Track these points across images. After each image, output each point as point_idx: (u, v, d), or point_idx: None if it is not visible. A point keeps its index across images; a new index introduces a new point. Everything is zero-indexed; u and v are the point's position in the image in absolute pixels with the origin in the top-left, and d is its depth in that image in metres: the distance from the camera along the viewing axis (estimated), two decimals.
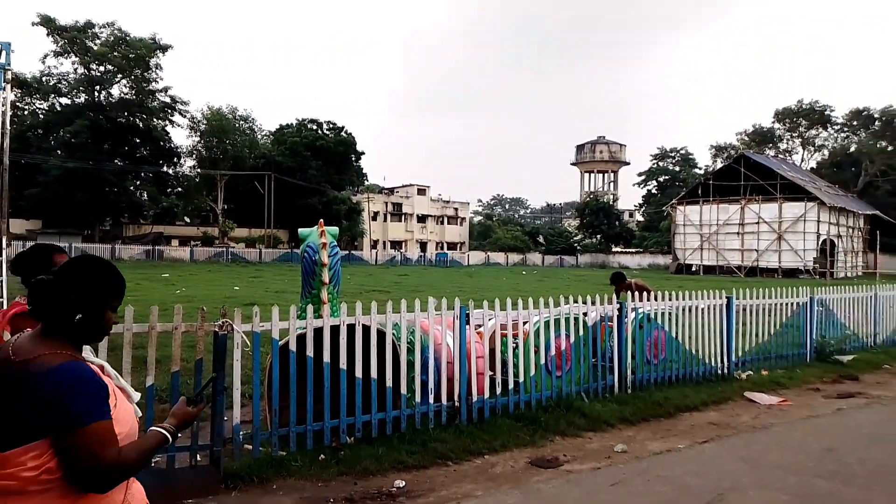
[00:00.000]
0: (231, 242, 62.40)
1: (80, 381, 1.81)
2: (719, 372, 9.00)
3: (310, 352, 5.45)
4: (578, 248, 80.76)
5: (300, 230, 6.28)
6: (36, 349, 1.85)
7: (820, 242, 51.95)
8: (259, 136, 70.19)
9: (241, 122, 66.54)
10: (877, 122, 65.69)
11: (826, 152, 70.75)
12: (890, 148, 65.01)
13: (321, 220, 6.32)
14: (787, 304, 10.43)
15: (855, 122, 67.27)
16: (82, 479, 1.79)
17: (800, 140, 71.99)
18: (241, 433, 5.24)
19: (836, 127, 69.47)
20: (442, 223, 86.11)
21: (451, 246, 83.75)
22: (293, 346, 5.41)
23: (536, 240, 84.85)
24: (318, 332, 5.55)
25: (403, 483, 4.98)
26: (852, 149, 67.16)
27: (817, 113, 69.31)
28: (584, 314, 7.78)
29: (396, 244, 79.18)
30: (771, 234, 54.01)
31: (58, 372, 1.79)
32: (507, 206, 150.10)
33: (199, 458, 5.02)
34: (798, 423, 7.10)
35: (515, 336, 7.13)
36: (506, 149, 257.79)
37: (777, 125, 72.36)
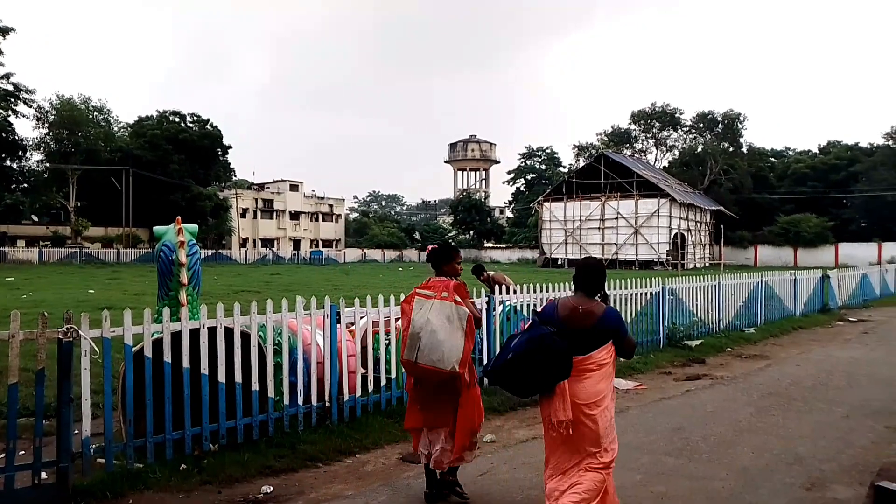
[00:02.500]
0: (85, 242, 58.18)
1: (621, 317, 4.26)
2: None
3: (167, 357, 5.16)
4: (453, 243, 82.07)
5: (155, 228, 5.93)
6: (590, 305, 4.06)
7: (672, 236, 55.89)
8: (116, 129, 65.73)
9: (96, 114, 62.01)
10: (719, 125, 71.48)
11: (676, 152, 76.08)
12: (731, 149, 70.96)
13: (178, 217, 6.00)
14: (642, 294, 11.13)
15: (701, 125, 72.78)
16: (628, 355, 4.24)
17: (653, 140, 76.94)
18: (92, 446, 4.89)
19: (684, 128, 74.83)
20: (316, 220, 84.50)
21: (327, 243, 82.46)
22: (148, 352, 5.11)
23: (413, 236, 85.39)
24: (177, 335, 5.27)
25: (271, 488, 4.84)
26: (699, 149, 72.64)
27: (668, 115, 74.36)
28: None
29: (268, 242, 76.87)
30: (628, 229, 57.46)
31: (610, 312, 4.08)
32: (383, 203, 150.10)
33: (44, 476, 4.63)
34: (651, 405, 7.60)
35: (388, 333, 7.14)
36: (381, 146, 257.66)
37: (633, 126, 76.93)
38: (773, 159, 77.38)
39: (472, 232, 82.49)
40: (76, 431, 4.92)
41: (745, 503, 4.64)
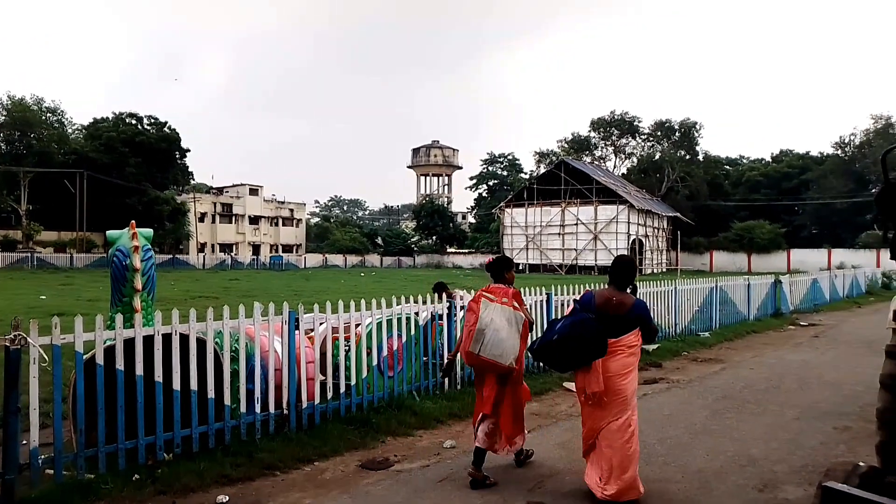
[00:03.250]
0: (37, 247, 56.38)
1: (647, 307, 5.10)
2: (540, 364, 9.52)
3: (120, 365, 5.04)
4: (415, 249, 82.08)
5: (108, 233, 5.80)
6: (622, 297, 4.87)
7: (630, 242, 56.80)
8: (70, 131, 64.02)
9: (49, 115, 60.32)
10: (677, 133, 72.93)
11: (635, 159, 77.37)
12: (688, 156, 72.45)
13: (133, 221, 5.87)
14: None
15: (659, 133, 74.16)
16: (651, 339, 5.12)
17: (612, 148, 78.10)
18: (41, 457, 4.73)
19: (643, 136, 76.15)
20: (276, 225, 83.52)
21: (287, 248, 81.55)
22: (101, 360, 4.98)
23: (375, 241, 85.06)
24: (130, 343, 5.15)
25: (227, 498, 4.76)
26: (656, 157, 74.00)
27: (627, 123, 75.61)
28: (416, 314, 7.90)
29: (227, 247, 75.67)
30: (588, 235, 58.22)
31: (639, 303, 4.90)
32: (345, 208, 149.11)
33: None
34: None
35: (348, 339, 7.09)
36: (343, 151, 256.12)
37: (593, 134, 78.00)
38: (728, 167, 79.26)
39: (434, 237, 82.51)
40: (24, 442, 4.78)
41: None
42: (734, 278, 16.92)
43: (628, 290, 4.98)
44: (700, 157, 73.72)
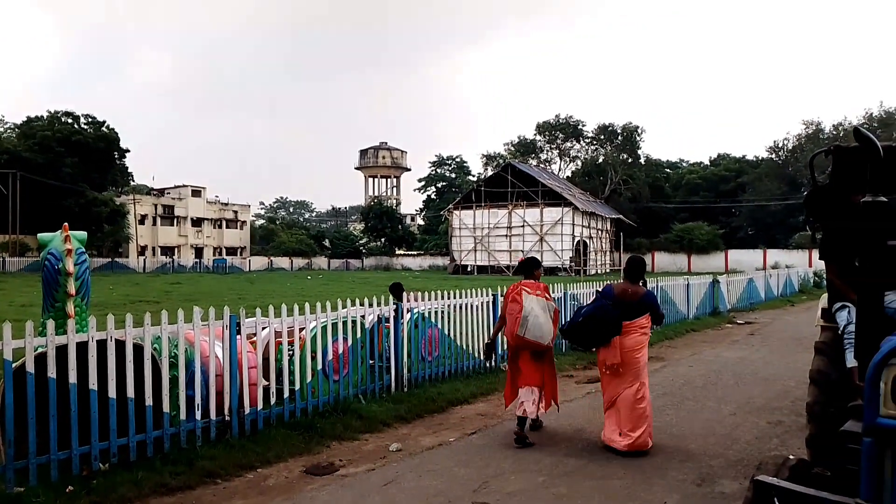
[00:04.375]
0: None
1: (655, 296, 6.56)
2: (487, 365, 9.59)
3: (52, 373, 4.85)
4: (364, 251, 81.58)
5: (40, 236, 5.59)
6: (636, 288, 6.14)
7: (575, 243, 57.75)
8: (2, 129, 61.45)
9: None
10: (619, 137, 74.48)
11: (579, 162, 78.68)
12: (630, 160, 74.08)
13: (66, 223, 5.67)
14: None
15: (602, 136, 75.58)
16: (659, 322, 6.44)
17: (557, 151, 79.21)
18: None
19: (587, 140, 77.44)
20: (220, 227, 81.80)
21: (231, 251, 79.93)
22: (31, 368, 4.78)
23: (322, 243, 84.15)
24: (63, 349, 4.97)
25: None
26: (600, 160, 75.42)
27: (571, 127, 76.79)
28: (363, 316, 7.85)
29: (168, 250, 73.73)
30: (534, 236, 58.91)
31: (648, 293, 6.23)
32: (291, 210, 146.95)
33: None
34: (553, 408, 7.78)
35: (292, 343, 7.00)
36: (290, 152, 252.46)
37: (539, 137, 78.93)
38: (668, 170, 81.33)
39: (383, 239, 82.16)
40: None
41: (642, 500, 4.83)
42: (674, 278, 17.38)
43: (641, 283, 6.26)
44: (642, 161, 75.42)
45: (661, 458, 5.79)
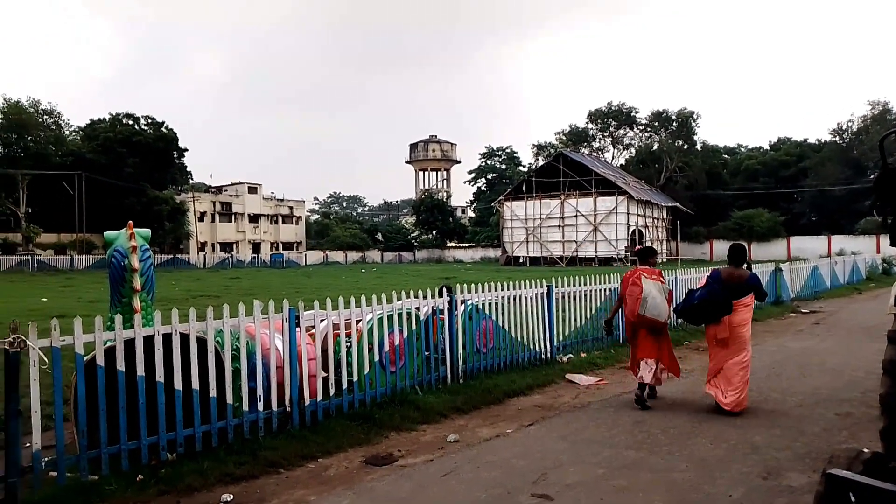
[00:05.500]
0: (37, 249, 56.40)
1: (759, 277, 7.72)
2: (543, 356, 9.53)
3: (121, 365, 5.03)
4: (416, 244, 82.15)
5: (106, 233, 5.79)
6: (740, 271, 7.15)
7: (630, 233, 56.82)
8: (67, 132, 63.93)
9: (46, 117, 60.21)
10: (674, 123, 72.84)
11: (633, 150, 77.31)
12: (685, 146, 72.38)
13: (130, 221, 5.86)
14: (601, 290, 11.26)
15: (656, 123, 74.09)
16: (763, 298, 7.56)
17: (610, 139, 78.04)
18: (44, 460, 4.72)
19: (640, 127, 76.06)
20: (276, 222, 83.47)
21: (287, 246, 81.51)
22: (101, 361, 4.97)
23: (375, 237, 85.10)
24: (131, 343, 5.14)
25: (231, 496, 4.76)
26: (654, 147, 73.94)
27: (624, 114, 75.50)
28: (417, 309, 7.89)
29: (227, 246, 75.64)
30: (588, 227, 58.19)
31: (752, 275, 7.20)
32: (344, 204, 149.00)
33: None
34: (612, 399, 7.69)
35: (349, 335, 7.08)
36: (342, 147, 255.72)
37: (591, 125, 77.91)
38: (726, 156, 79.22)
39: (434, 232, 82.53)
40: (26, 445, 4.77)
41: (704, 494, 4.72)
42: (696, 269, 16.87)
43: (744, 267, 7.30)
44: (698, 147, 73.66)
45: (724, 451, 5.65)
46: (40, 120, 59.44)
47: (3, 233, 58.57)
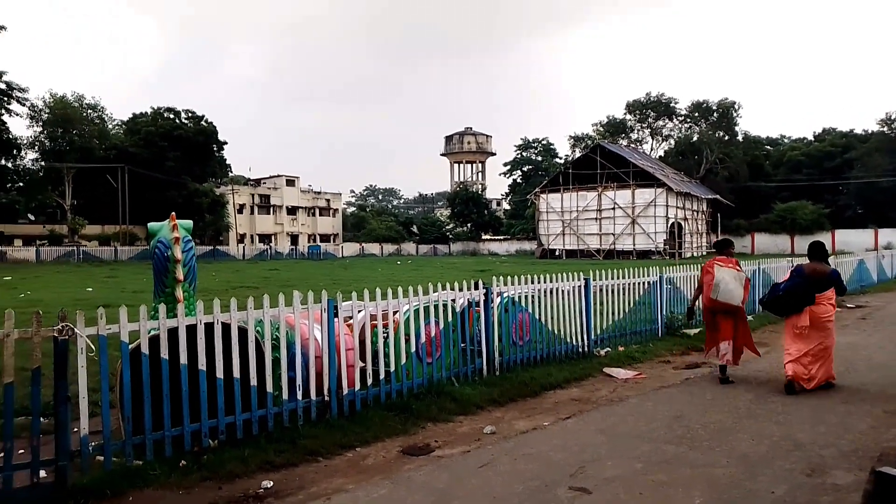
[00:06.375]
0: (82, 241, 58.03)
1: (839, 273, 8.29)
2: (580, 350, 9.46)
3: (164, 354, 5.14)
4: (451, 236, 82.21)
5: (150, 225, 5.90)
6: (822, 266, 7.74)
7: (669, 225, 55.92)
8: (110, 126, 65.46)
9: (90, 111, 61.73)
10: (714, 114, 71.42)
11: (672, 141, 76.09)
12: (726, 137, 70.93)
13: (173, 213, 5.97)
14: (639, 283, 11.13)
15: (696, 114, 72.73)
16: (843, 292, 8.23)
17: (649, 130, 76.90)
18: (91, 444, 4.87)
19: (679, 118, 74.77)
20: (313, 215, 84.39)
21: (325, 238, 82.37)
22: (145, 349, 5.08)
23: (410, 229, 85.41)
24: (174, 332, 5.25)
25: (271, 483, 4.83)
26: (694, 138, 72.63)
27: (663, 105, 74.29)
28: (453, 300, 7.89)
29: (265, 238, 76.75)
30: (625, 219, 57.47)
31: (833, 270, 7.82)
32: (380, 197, 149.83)
33: (42, 475, 4.62)
34: (651, 393, 7.60)
35: (386, 326, 7.12)
36: (378, 140, 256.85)
37: (628, 116, 76.85)
38: (768, 147, 77.47)
39: (469, 224, 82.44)
40: (74, 430, 4.91)
41: (746, 490, 4.64)
42: (777, 260, 16.55)
43: (826, 262, 7.80)
44: (739, 138, 72.19)
45: (766, 447, 5.54)
46: (85, 115, 60.92)
47: (51, 224, 60.35)
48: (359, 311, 6.89)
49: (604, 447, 5.60)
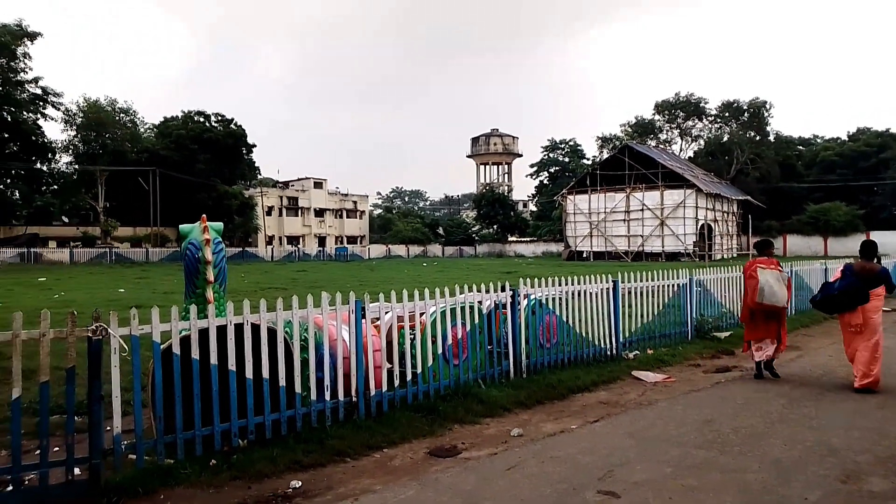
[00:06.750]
0: (114, 242, 59.16)
1: (888, 270, 8.31)
2: (608, 352, 9.38)
3: (195, 354, 5.21)
4: (476, 238, 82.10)
5: (181, 226, 5.98)
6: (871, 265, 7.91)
7: (698, 227, 55.22)
8: (142, 130, 66.61)
9: (122, 115, 62.86)
10: (745, 114, 70.33)
11: (702, 142, 75.09)
12: (757, 137, 69.82)
13: (203, 215, 6.04)
14: (668, 286, 11.00)
15: (726, 114, 71.66)
16: (892, 290, 8.04)
17: (678, 131, 75.98)
18: (124, 443, 4.94)
19: (709, 118, 73.73)
20: (341, 217, 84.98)
21: (351, 240, 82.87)
22: (177, 349, 5.16)
23: (436, 231, 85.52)
24: (204, 333, 5.32)
25: (300, 483, 4.87)
26: (725, 139, 71.60)
27: (693, 105, 73.34)
28: (479, 302, 7.88)
29: (293, 239, 77.44)
30: (654, 221, 56.87)
31: (883, 268, 7.98)
32: (406, 199, 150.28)
33: (77, 473, 4.70)
34: (680, 397, 7.51)
35: (413, 327, 7.13)
36: (403, 142, 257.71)
37: (657, 117, 76.01)
38: (800, 147, 76.05)
39: (495, 226, 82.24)
40: (108, 428, 4.99)
41: (779, 496, 4.55)
42: (809, 262, 16.26)
43: (875, 261, 7.97)
44: (771, 138, 70.99)
45: (799, 452, 5.43)
46: (117, 118, 62.04)
47: (84, 226, 61.56)
48: (386, 313, 6.91)
49: (632, 451, 5.54)
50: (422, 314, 7.21)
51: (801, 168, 70.27)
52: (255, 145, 71.08)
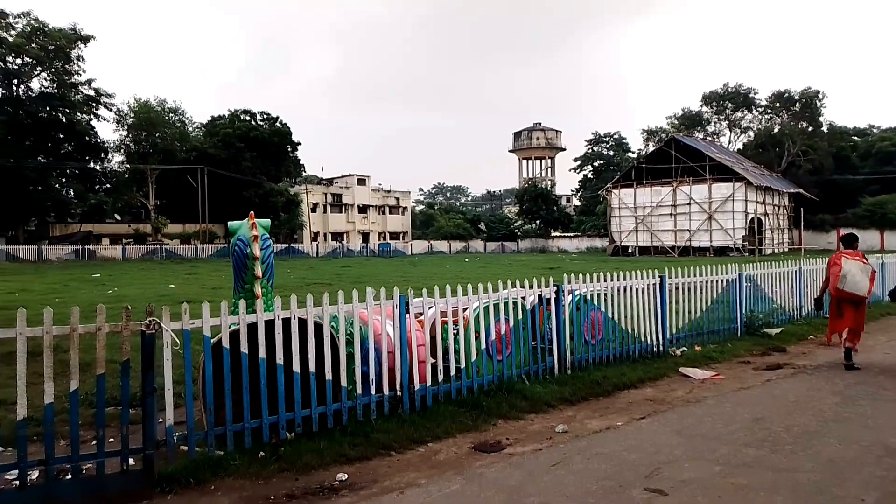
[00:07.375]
0: (165, 239, 60.67)
1: None
2: (655, 349, 9.24)
3: (244, 348, 5.31)
4: (519, 233, 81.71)
5: (230, 223, 6.11)
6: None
7: (748, 221, 53.92)
8: (190, 129, 68.13)
9: (171, 115, 64.41)
10: (797, 104, 68.36)
11: (751, 134, 73.22)
12: (810, 128, 67.80)
13: (252, 212, 6.15)
14: (717, 281, 10.77)
15: (777, 104, 69.79)
16: None
17: (726, 122, 74.28)
18: (176, 434, 5.08)
19: (759, 109, 71.91)
20: (384, 213, 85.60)
21: (394, 236, 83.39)
22: (226, 343, 5.27)
23: (478, 227, 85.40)
24: (253, 327, 5.42)
25: (346, 476, 4.93)
26: (775, 130, 69.71)
27: (742, 96, 71.61)
28: (523, 298, 7.84)
29: (338, 236, 78.31)
30: (702, 215, 55.75)
31: None
32: (448, 195, 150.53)
33: (131, 463, 4.85)
34: (729, 395, 7.35)
35: (456, 322, 7.14)
36: (446, 137, 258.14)
37: (705, 108, 74.45)
38: (855, 138, 73.55)
39: (538, 221, 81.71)
40: (160, 420, 5.13)
41: (833, 496, 4.43)
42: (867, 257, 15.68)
43: None
44: (824, 129, 68.86)
45: (854, 452, 5.27)
46: (166, 118, 63.56)
47: (135, 224, 63.29)
48: (429, 308, 6.94)
49: (680, 448, 5.46)
50: (465, 309, 7.22)
51: (856, 160, 68.00)
52: (299, 143, 72.02)
